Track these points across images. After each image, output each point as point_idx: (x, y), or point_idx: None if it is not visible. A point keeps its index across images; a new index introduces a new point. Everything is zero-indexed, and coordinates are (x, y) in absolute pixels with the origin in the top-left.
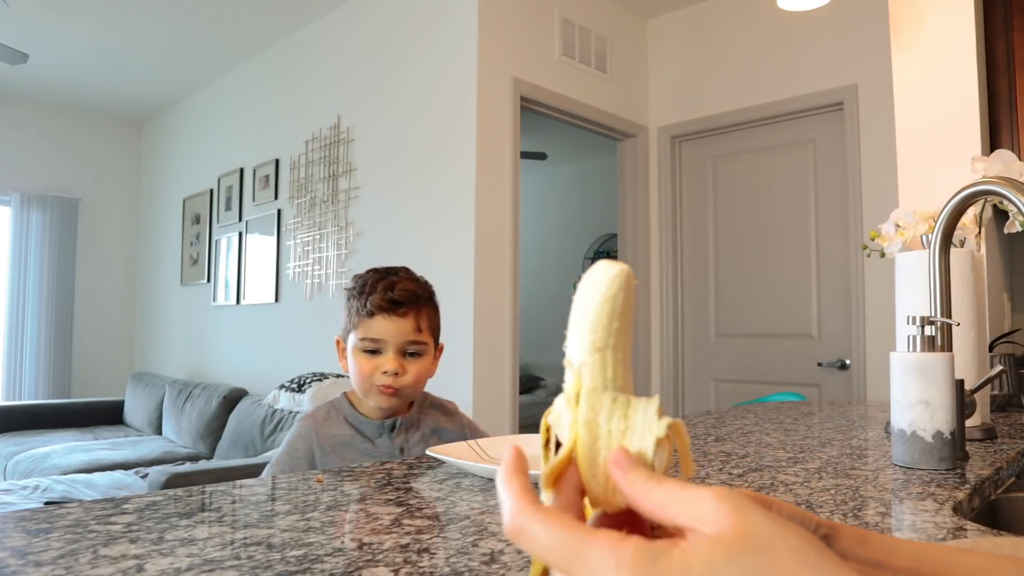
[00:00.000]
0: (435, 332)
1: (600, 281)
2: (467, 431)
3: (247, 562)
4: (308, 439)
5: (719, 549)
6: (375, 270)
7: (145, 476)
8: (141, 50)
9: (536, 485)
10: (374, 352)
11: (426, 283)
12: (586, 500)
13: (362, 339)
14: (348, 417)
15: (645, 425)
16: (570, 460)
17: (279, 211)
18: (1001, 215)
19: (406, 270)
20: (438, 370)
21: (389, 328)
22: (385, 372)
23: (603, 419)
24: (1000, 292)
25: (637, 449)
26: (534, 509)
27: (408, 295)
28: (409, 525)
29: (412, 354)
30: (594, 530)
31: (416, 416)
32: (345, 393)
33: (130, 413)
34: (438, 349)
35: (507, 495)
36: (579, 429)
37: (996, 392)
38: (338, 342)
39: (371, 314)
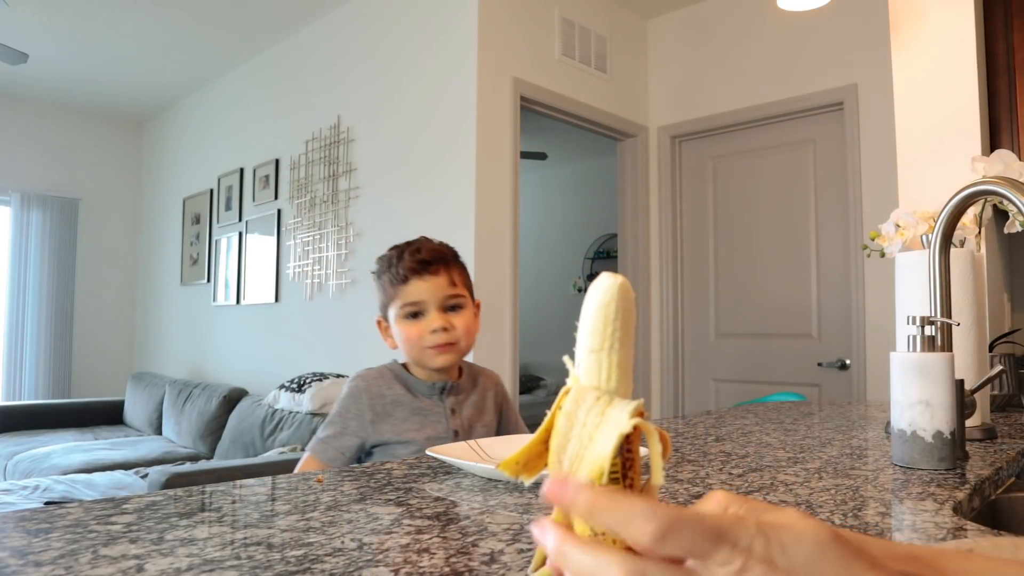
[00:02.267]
0: (468, 287)
1: (597, 291)
2: (505, 405)
3: (247, 562)
4: (359, 399)
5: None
6: (395, 246)
7: (145, 476)
8: (141, 50)
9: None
10: (416, 316)
11: (447, 244)
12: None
13: (403, 306)
14: (400, 377)
15: (616, 422)
16: (542, 443)
17: (279, 211)
18: (1001, 215)
19: (424, 237)
20: None
21: (425, 288)
22: (434, 331)
23: (582, 412)
24: (1000, 292)
25: (603, 446)
26: (572, 536)
27: (435, 254)
28: (409, 525)
29: (453, 308)
30: (624, 550)
31: (467, 382)
32: (396, 361)
33: (130, 413)
34: (476, 305)
35: (548, 531)
36: (559, 418)
37: (996, 392)
38: (379, 322)
39: (405, 279)
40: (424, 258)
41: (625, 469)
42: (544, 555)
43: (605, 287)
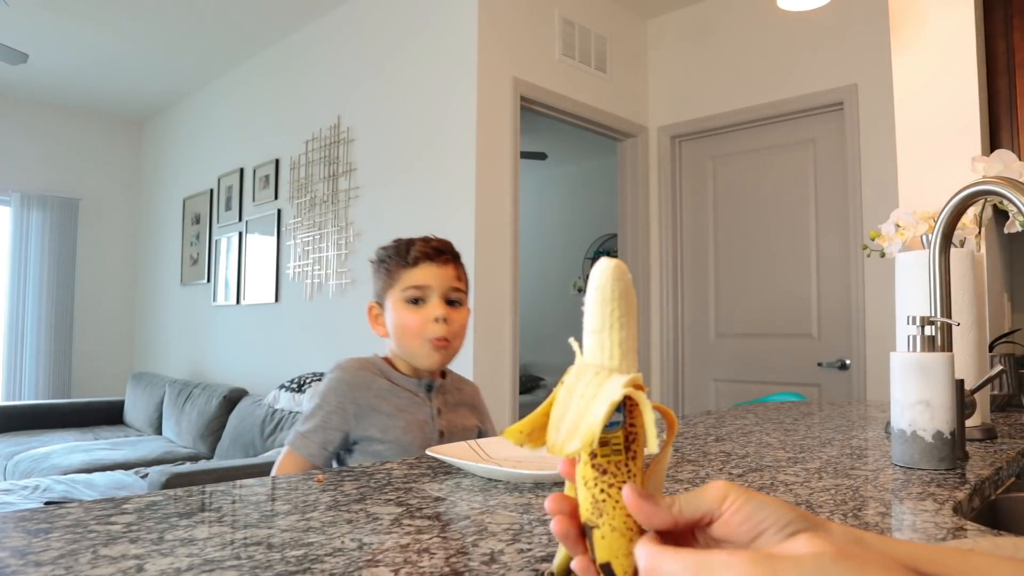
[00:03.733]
0: (468, 289)
1: (595, 275)
2: (482, 414)
3: (247, 562)
4: (341, 391)
5: (825, 556)
6: (399, 239)
7: (145, 476)
8: (141, 50)
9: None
10: (418, 302)
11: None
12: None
13: (407, 288)
14: (384, 371)
15: (609, 391)
16: (545, 415)
17: (279, 211)
18: (1001, 215)
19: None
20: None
21: (434, 273)
22: (436, 320)
23: (581, 385)
24: (1000, 292)
25: (595, 414)
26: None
27: (447, 245)
28: (409, 525)
29: (453, 303)
30: (710, 549)
31: (450, 384)
32: (378, 355)
33: (130, 413)
34: (468, 310)
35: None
36: (560, 391)
37: (996, 392)
38: (371, 308)
39: (416, 261)
40: (437, 246)
41: (628, 442)
42: (569, 556)
43: (601, 270)
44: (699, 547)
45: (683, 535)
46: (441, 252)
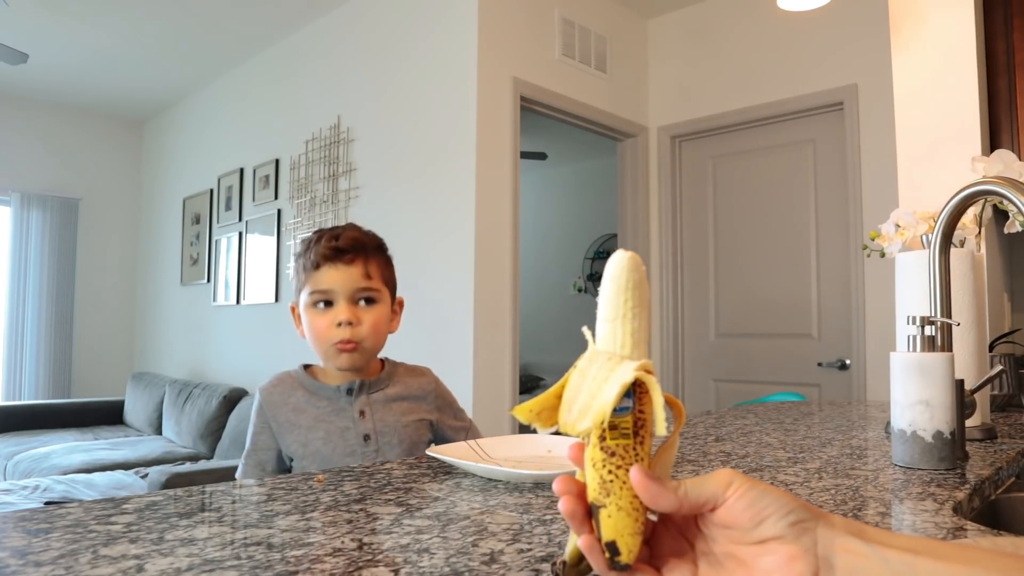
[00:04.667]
0: (388, 282)
1: (610, 266)
2: (435, 395)
3: (247, 562)
4: (262, 412)
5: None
6: (318, 230)
7: (145, 476)
8: (141, 50)
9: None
10: (326, 305)
11: (374, 234)
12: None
13: (312, 292)
14: (303, 383)
15: (620, 374)
16: (556, 397)
17: (279, 211)
18: (1001, 215)
19: (352, 224)
20: (438, 368)
21: (337, 276)
22: (340, 324)
23: (594, 369)
24: (1000, 292)
25: (606, 396)
26: None
27: (353, 243)
28: (409, 525)
29: (366, 301)
30: None
31: (384, 379)
32: (303, 365)
33: (130, 413)
34: (396, 303)
35: None
36: (573, 375)
37: (996, 392)
38: (292, 308)
39: (317, 265)
40: (339, 246)
41: (637, 427)
42: (579, 551)
43: (616, 260)
44: (701, 533)
45: (686, 520)
46: (343, 252)
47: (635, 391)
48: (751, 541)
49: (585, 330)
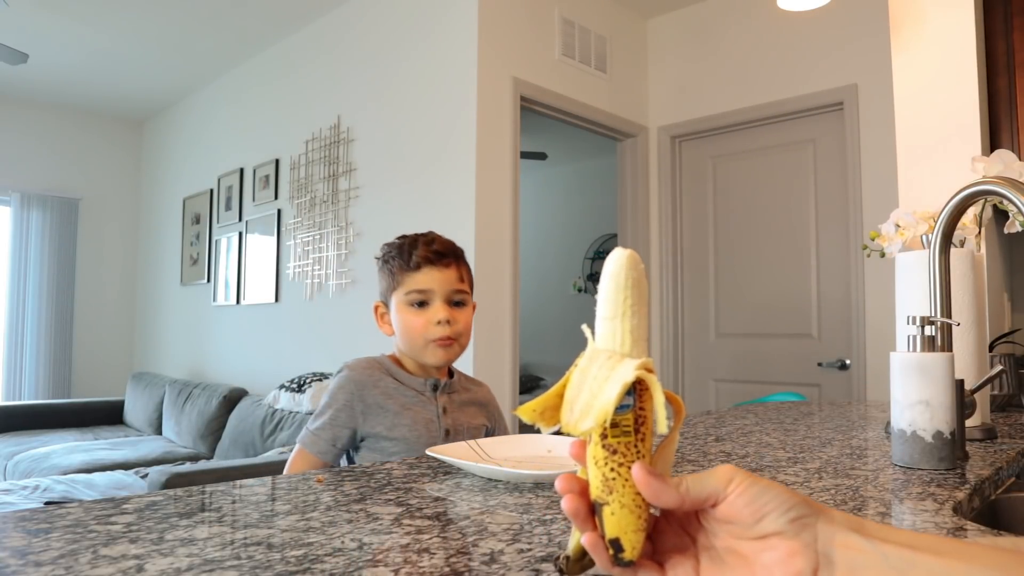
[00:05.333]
0: (472, 287)
1: (609, 263)
2: (493, 405)
3: (247, 562)
4: (349, 389)
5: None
6: (405, 236)
7: (145, 476)
8: (141, 50)
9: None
10: (422, 305)
11: (455, 243)
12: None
13: (409, 292)
14: (390, 370)
15: (621, 373)
16: (558, 396)
17: (279, 211)
18: (1001, 215)
19: (434, 232)
20: None
21: (436, 277)
22: (439, 322)
23: (594, 368)
24: (1000, 292)
25: (608, 395)
26: None
27: (448, 247)
28: (409, 525)
29: (458, 303)
30: None
31: (457, 383)
32: (385, 355)
33: (130, 413)
34: (473, 306)
35: None
36: (574, 373)
37: (996, 392)
38: (377, 307)
39: (418, 266)
40: (438, 249)
41: (637, 424)
42: (582, 547)
43: (615, 258)
44: (703, 528)
45: (688, 516)
46: (443, 255)
47: (636, 389)
48: (752, 537)
49: (585, 328)
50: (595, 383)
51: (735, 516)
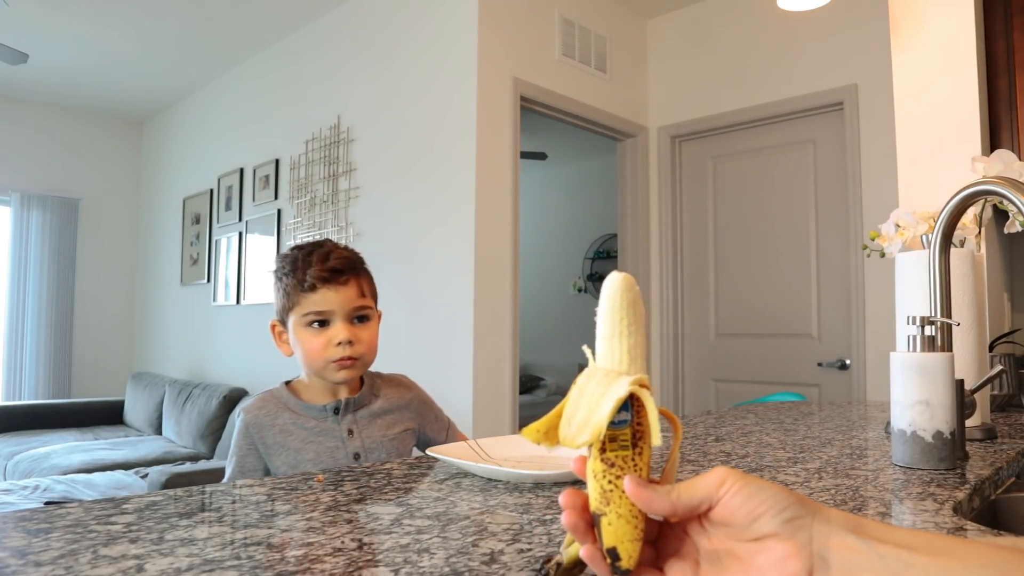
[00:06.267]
0: (375, 297)
1: (605, 287)
2: (416, 401)
3: (247, 562)
4: (248, 435)
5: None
6: (299, 246)
7: (145, 476)
8: (141, 50)
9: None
10: (321, 325)
11: (355, 250)
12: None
13: (306, 314)
14: (288, 404)
15: (616, 390)
16: (560, 415)
17: (279, 211)
18: (1001, 215)
19: (330, 240)
20: (438, 368)
21: (334, 298)
22: (339, 344)
23: (592, 385)
24: (1000, 292)
25: (602, 411)
26: None
27: (346, 262)
28: (409, 525)
29: (361, 319)
30: None
31: (367, 395)
32: (285, 383)
33: (130, 413)
34: (378, 315)
35: None
36: (573, 391)
37: (996, 392)
38: (273, 326)
39: (313, 287)
40: (334, 266)
41: (635, 439)
42: (576, 558)
43: (611, 282)
44: (704, 531)
45: (689, 520)
46: (339, 272)
47: (632, 404)
48: (748, 538)
49: (585, 348)
50: (591, 399)
51: (730, 518)
